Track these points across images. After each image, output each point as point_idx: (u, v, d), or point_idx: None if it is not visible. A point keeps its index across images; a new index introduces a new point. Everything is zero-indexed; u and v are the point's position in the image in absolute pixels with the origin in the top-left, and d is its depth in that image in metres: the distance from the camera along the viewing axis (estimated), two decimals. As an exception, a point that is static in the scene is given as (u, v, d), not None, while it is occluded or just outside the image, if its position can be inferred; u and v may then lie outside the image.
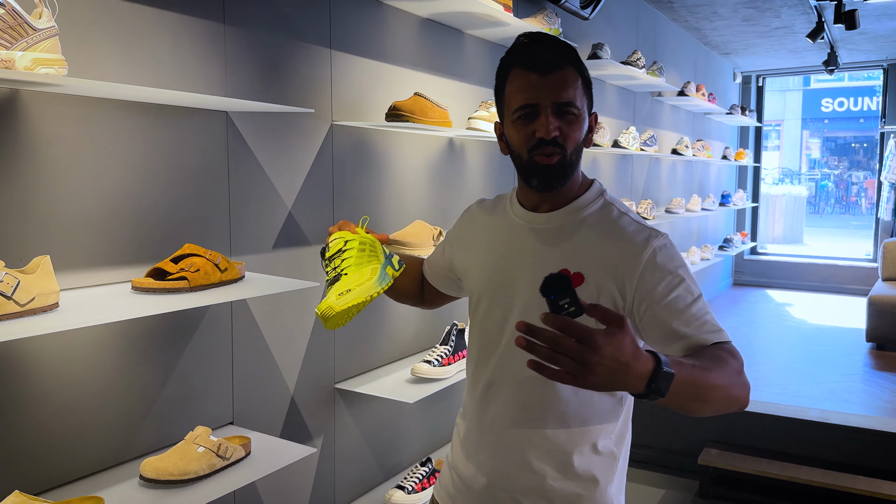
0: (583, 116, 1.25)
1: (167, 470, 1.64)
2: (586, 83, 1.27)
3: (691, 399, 1.06)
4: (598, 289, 1.23)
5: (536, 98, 1.21)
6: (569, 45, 1.26)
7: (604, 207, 1.30)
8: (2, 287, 1.31)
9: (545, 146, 1.22)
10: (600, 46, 3.92)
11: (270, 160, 2.12)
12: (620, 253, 1.23)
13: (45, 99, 1.55)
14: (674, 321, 1.18)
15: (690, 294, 1.21)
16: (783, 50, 7.10)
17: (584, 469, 1.30)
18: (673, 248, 1.25)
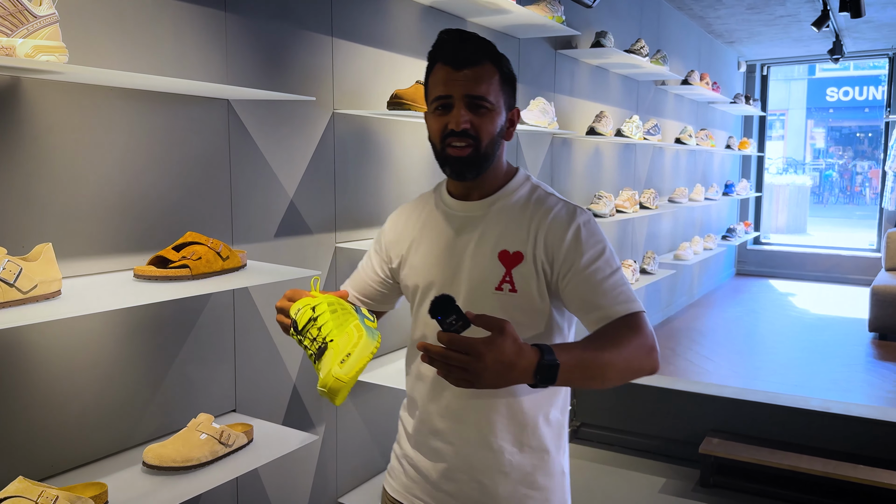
0: (497, 111, 1.31)
1: (170, 457, 1.65)
2: (506, 79, 1.33)
3: (587, 378, 1.18)
4: (534, 263, 1.31)
5: (450, 90, 1.28)
6: (488, 43, 1.32)
7: (531, 191, 1.39)
8: (4, 274, 1.32)
9: (456, 137, 1.28)
10: (604, 34, 3.90)
11: (272, 148, 2.12)
12: (549, 229, 1.31)
13: (46, 86, 1.55)
14: (591, 292, 1.28)
15: (609, 267, 1.29)
16: (788, 38, 7.05)
17: (537, 441, 1.37)
18: (595, 224, 1.35)
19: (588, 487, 3.62)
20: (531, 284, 1.30)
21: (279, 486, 2.24)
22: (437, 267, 1.37)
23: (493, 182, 1.37)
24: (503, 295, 1.31)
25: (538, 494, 1.37)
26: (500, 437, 1.35)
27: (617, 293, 1.27)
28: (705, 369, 4.53)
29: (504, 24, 3.14)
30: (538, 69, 3.66)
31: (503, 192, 1.37)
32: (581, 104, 4.19)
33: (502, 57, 1.33)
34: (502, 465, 1.35)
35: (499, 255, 1.32)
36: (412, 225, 1.45)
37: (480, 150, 1.30)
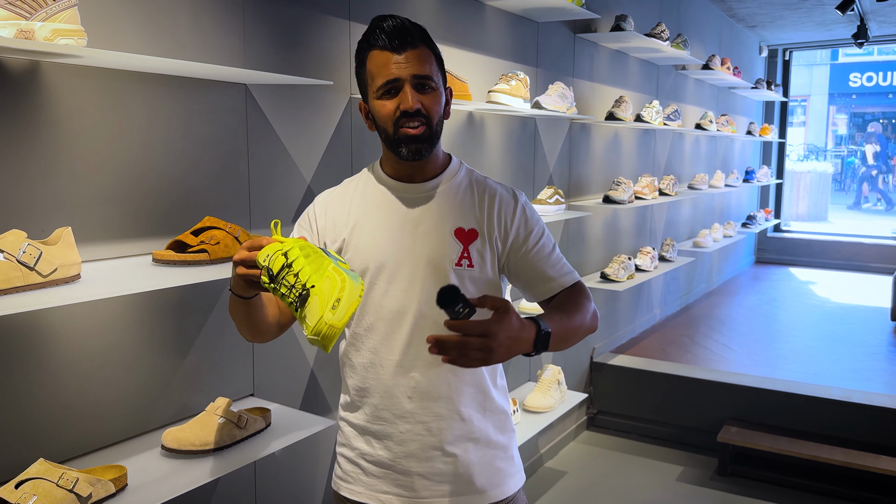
0: (440, 90, 1.38)
1: (188, 440, 1.66)
2: (439, 60, 1.41)
3: (564, 343, 1.33)
4: (489, 239, 1.42)
5: (397, 74, 1.33)
6: (419, 26, 1.38)
7: (469, 173, 1.49)
8: (24, 258, 1.32)
9: (409, 118, 1.34)
10: (623, 18, 3.84)
11: (289, 133, 2.11)
12: (499, 208, 1.43)
13: (64, 71, 1.55)
14: (542, 266, 1.44)
15: (550, 241, 1.47)
16: (811, 22, 6.92)
17: (496, 404, 1.48)
18: (529, 203, 1.50)
19: (605, 475, 3.62)
20: (486, 259, 1.41)
21: (297, 471, 2.25)
22: (390, 246, 1.40)
23: (434, 166, 1.45)
24: (462, 270, 1.39)
25: (502, 453, 1.48)
26: (468, 406, 1.43)
27: (561, 265, 1.46)
28: (724, 357, 4.49)
29: (522, 8, 3.10)
30: (557, 53, 3.61)
31: (445, 174, 1.46)
32: (600, 89, 4.14)
33: (431, 40, 1.40)
34: (472, 432, 1.43)
35: (455, 232, 1.40)
36: (352, 207, 1.45)
37: (433, 128, 1.37)
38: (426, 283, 1.38)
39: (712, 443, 3.77)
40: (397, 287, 1.39)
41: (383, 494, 1.44)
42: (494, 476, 1.46)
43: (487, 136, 3.09)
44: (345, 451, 1.52)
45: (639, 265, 4.28)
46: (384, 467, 1.44)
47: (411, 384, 1.41)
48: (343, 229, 1.44)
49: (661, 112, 4.43)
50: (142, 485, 1.53)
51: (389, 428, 1.42)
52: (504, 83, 2.78)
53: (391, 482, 1.43)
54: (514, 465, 1.52)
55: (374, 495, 1.45)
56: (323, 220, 1.48)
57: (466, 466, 1.43)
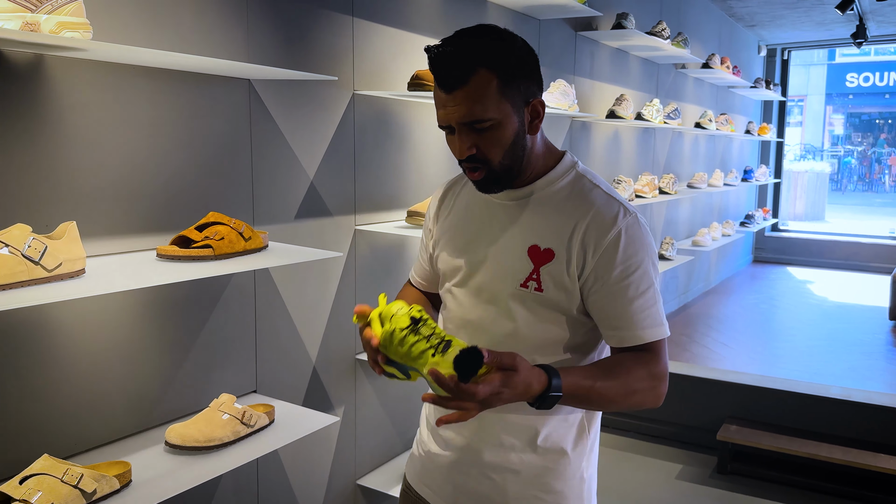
0: (503, 122, 1.18)
1: (192, 436, 1.65)
2: (511, 75, 1.18)
3: (584, 405, 1.21)
4: (567, 264, 1.22)
5: (447, 120, 1.19)
6: (481, 43, 1.17)
7: (576, 180, 1.28)
8: (29, 252, 1.31)
9: (465, 163, 1.22)
10: (625, 16, 3.84)
11: (292, 129, 2.11)
12: (588, 229, 1.21)
13: (69, 64, 1.54)
14: (616, 310, 1.21)
15: (643, 283, 1.21)
16: (810, 22, 6.93)
17: (551, 442, 1.30)
18: (640, 228, 1.23)
19: (604, 474, 3.62)
20: (560, 285, 1.22)
21: (299, 468, 2.25)
22: (465, 254, 1.32)
23: (533, 169, 1.28)
24: (528, 293, 1.24)
25: (550, 498, 1.31)
26: (511, 434, 1.30)
27: (643, 316, 1.21)
28: (722, 356, 4.50)
29: (524, 5, 3.10)
30: (558, 51, 3.61)
31: (545, 179, 1.28)
32: (600, 87, 4.14)
33: (501, 48, 1.18)
34: (511, 463, 1.30)
35: (528, 249, 1.24)
36: (450, 203, 1.40)
37: (495, 169, 1.21)
38: (493, 298, 1.28)
39: (712, 441, 3.77)
40: (466, 296, 1.32)
41: (426, 489, 1.41)
42: None
43: (489, 133, 3.08)
44: (418, 433, 1.49)
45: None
46: (433, 464, 1.39)
47: None
48: (443, 227, 1.40)
49: (662, 110, 4.43)
50: (146, 481, 1.52)
51: (440, 431, 1.38)
52: (506, 80, 2.77)
53: (434, 481, 1.39)
54: None
55: (422, 486, 1.42)
56: (432, 210, 1.44)
57: (504, 497, 1.31)
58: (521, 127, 1.21)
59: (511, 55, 1.19)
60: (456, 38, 1.18)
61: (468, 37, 1.18)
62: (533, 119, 1.23)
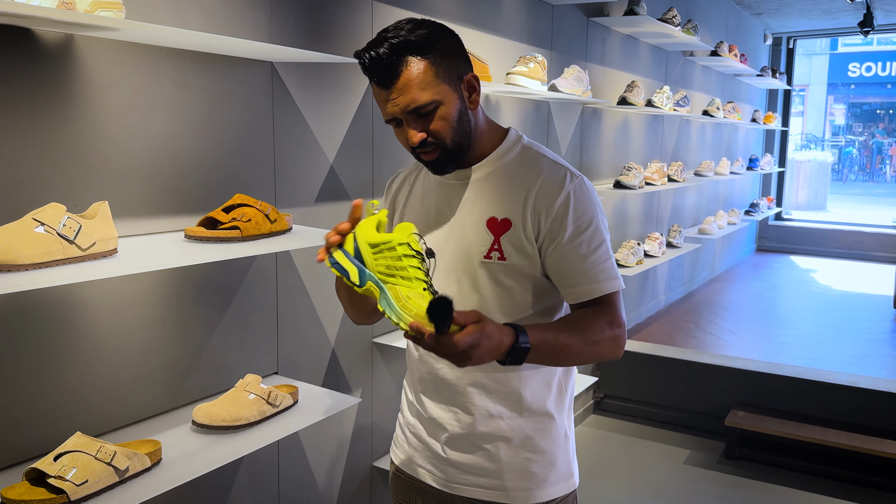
0: (446, 100, 1.23)
1: (219, 416, 1.67)
2: (442, 56, 1.22)
3: (553, 361, 1.24)
4: (523, 230, 1.28)
5: (392, 113, 1.24)
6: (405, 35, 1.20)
7: (522, 152, 1.34)
8: (64, 231, 1.32)
9: (420, 148, 1.26)
10: (637, 2, 3.83)
11: (313, 112, 2.11)
12: (538, 194, 1.28)
13: (98, 45, 1.54)
14: (571, 267, 1.27)
15: (594, 240, 1.28)
16: (816, 10, 6.92)
17: (537, 405, 1.37)
18: (587, 189, 1.30)
19: (612, 459, 3.65)
20: (521, 251, 1.28)
21: (318, 448, 2.27)
22: (433, 235, 1.36)
23: (480, 147, 1.33)
24: (492, 263, 1.29)
25: (541, 458, 1.37)
26: (498, 402, 1.35)
27: (597, 270, 1.27)
28: (729, 343, 4.52)
29: (539, -10, 3.09)
30: (570, 37, 3.61)
31: (493, 155, 1.34)
32: (611, 73, 4.14)
33: (425, 34, 1.22)
34: (502, 431, 1.35)
35: (487, 222, 1.30)
36: (405, 190, 1.45)
37: (449, 148, 1.26)
38: (460, 276, 1.33)
39: (719, 427, 3.80)
40: (441, 275, 1.34)
41: (420, 468, 1.45)
42: (527, 480, 1.37)
43: (502, 118, 3.08)
44: (399, 416, 1.53)
45: (647, 251, 4.29)
46: (422, 443, 1.44)
47: (442, 370, 1.38)
48: (403, 214, 1.44)
49: (672, 98, 4.43)
50: (175, 459, 1.53)
51: (428, 408, 1.42)
52: (522, 65, 2.77)
53: (426, 459, 1.43)
54: (557, 473, 1.39)
55: (413, 467, 1.46)
56: (392, 197, 1.49)
57: (497, 465, 1.36)
58: (462, 104, 1.27)
59: (434, 39, 1.23)
60: (379, 38, 1.23)
61: (390, 33, 1.22)
62: (471, 94, 1.29)
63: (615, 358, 1.29)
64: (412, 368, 1.46)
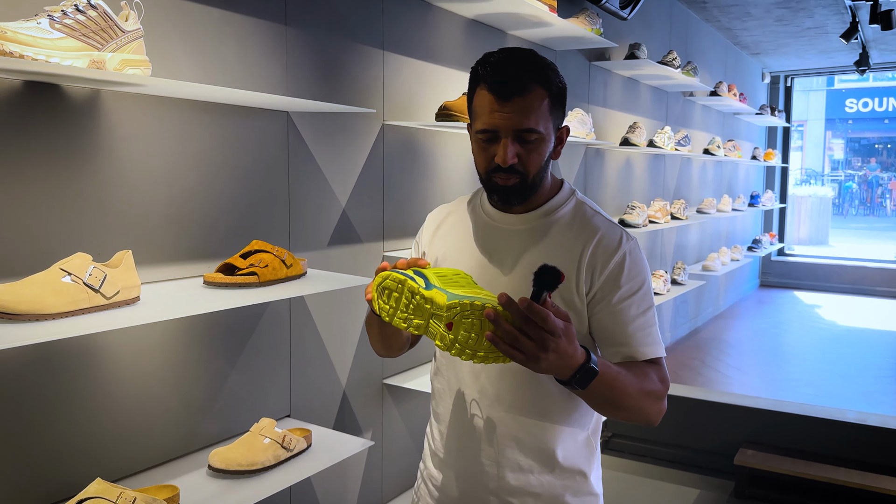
0: (545, 138, 1.24)
1: (235, 460, 1.68)
2: (556, 99, 1.25)
3: (605, 399, 1.18)
4: (576, 285, 1.27)
5: (496, 125, 1.22)
6: (537, 60, 1.23)
7: (577, 207, 1.34)
8: (90, 280, 1.36)
9: (503, 171, 1.24)
10: (637, 46, 3.92)
11: (326, 159, 2.16)
12: (595, 250, 1.27)
13: (123, 98, 1.59)
14: (619, 327, 1.25)
15: (643, 303, 1.27)
16: (813, 50, 7.05)
17: (570, 462, 1.33)
18: (640, 253, 1.31)
19: (621, 499, 3.62)
20: (569, 306, 1.26)
21: (330, 491, 2.27)
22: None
23: (537, 196, 1.32)
24: None
25: None
26: (529, 457, 1.32)
27: (645, 333, 1.26)
28: (735, 380, 4.52)
29: (543, 37, 3.17)
30: (573, 80, 3.69)
31: (548, 206, 1.33)
32: (613, 115, 4.22)
33: (552, 73, 1.24)
34: (531, 486, 1.32)
35: None
36: (449, 230, 1.42)
37: (528, 181, 1.26)
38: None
39: (728, 465, 3.78)
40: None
41: None
42: None
43: (509, 161, 3.14)
44: (421, 466, 1.49)
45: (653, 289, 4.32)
46: (444, 493, 1.39)
47: (473, 421, 1.34)
48: (439, 249, 1.40)
49: (673, 137, 4.50)
50: (193, 504, 1.55)
51: (453, 458, 1.37)
52: (528, 110, 2.83)
53: None
54: None
55: None
56: (426, 236, 1.45)
57: None
58: (552, 149, 1.29)
59: (557, 81, 1.26)
60: (513, 52, 1.24)
61: (526, 54, 1.24)
62: (558, 145, 1.30)
63: (652, 421, 1.25)
64: (439, 415, 1.42)
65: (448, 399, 1.39)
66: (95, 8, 1.33)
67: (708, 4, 5.30)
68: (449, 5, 2.61)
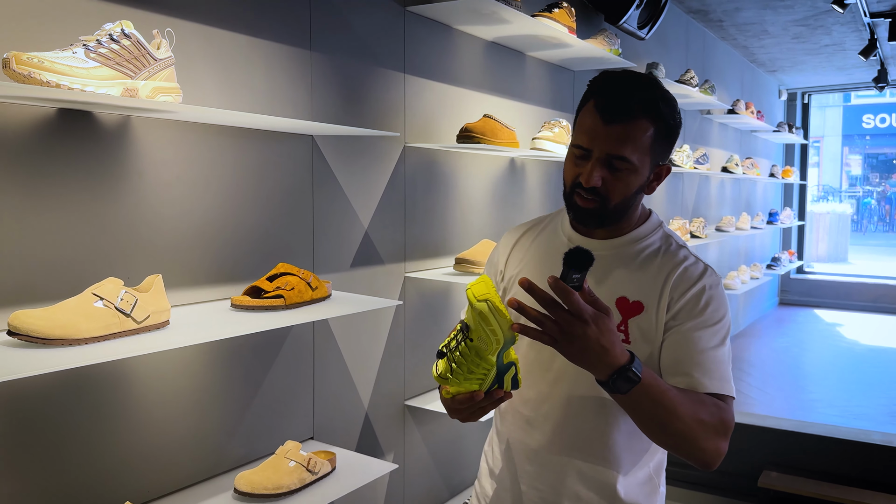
0: (639, 170, 1.22)
1: (261, 484, 1.68)
2: (663, 133, 1.23)
3: (651, 416, 1.12)
4: (656, 316, 1.24)
5: (591, 144, 1.21)
6: (654, 94, 1.21)
7: (662, 240, 1.32)
8: (122, 305, 1.37)
9: (584, 190, 1.23)
10: (655, 66, 3.93)
11: (349, 181, 2.18)
12: (677, 280, 1.24)
13: (152, 124, 1.62)
14: (687, 355, 1.20)
15: (717, 338, 1.22)
16: (831, 67, 7.02)
17: (630, 498, 1.30)
18: (722, 291, 1.27)
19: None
20: (647, 338, 1.24)
21: (352, 514, 2.26)
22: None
23: (624, 224, 1.31)
24: None
25: None
26: (589, 488, 1.30)
27: (714, 367, 1.20)
28: (759, 401, 4.46)
29: (562, 58, 3.19)
30: (592, 100, 3.69)
31: (631, 236, 1.31)
32: (631, 134, 4.21)
33: (666, 107, 1.22)
34: None
35: (616, 301, 1.25)
36: (527, 248, 1.40)
37: (608, 207, 1.24)
38: None
39: (752, 488, 3.72)
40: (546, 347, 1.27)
41: None
42: None
43: (528, 180, 3.15)
44: (476, 485, 1.48)
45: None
46: None
47: (534, 444, 1.33)
48: (514, 267, 1.39)
49: (691, 156, 4.49)
50: (219, 528, 1.55)
51: (510, 482, 1.36)
52: (548, 130, 2.85)
53: None
54: None
55: None
56: (503, 251, 1.44)
57: None
58: (645, 183, 1.26)
59: (670, 118, 1.24)
60: (633, 76, 1.24)
61: (643, 82, 1.23)
62: (654, 180, 1.29)
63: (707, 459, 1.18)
64: (501, 434, 1.40)
65: (510, 419, 1.37)
66: (129, 37, 1.36)
67: (725, 23, 5.31)
68: (469, 28, 2.64)
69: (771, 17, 5.14)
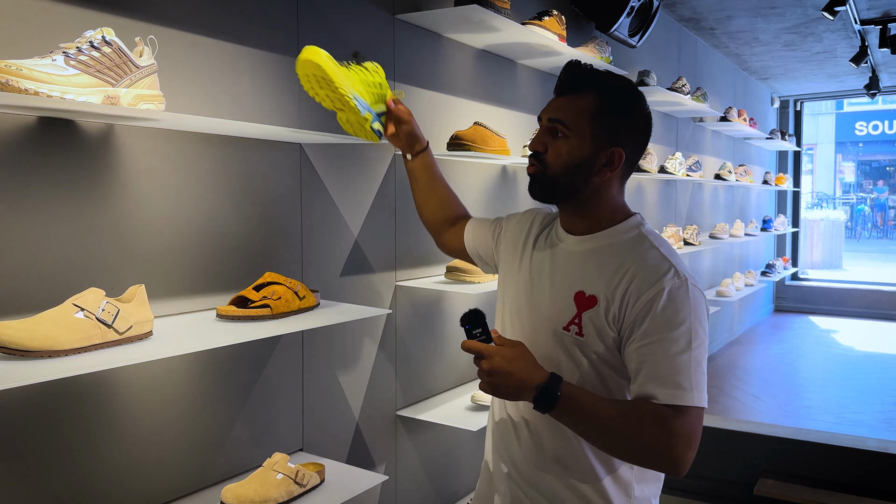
0: (576, 139, 1.26)
1: (248, 497, 1.66)
2: (606, 109, 1.25)
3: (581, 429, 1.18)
4: (606, 312, 1.23)
5: (541, 114, 1.32)
6: (607, 76, 1.28)
7: (637, 238, 1.30)
8: (103, 315, 1.35)
9: (531, 157, 1.32)
10: (647, 73, 3.93)
11: (338, 189, 2.16)
12: (634, 281, 1.21)
13: (137, 133, 1.60)
14: (643, 361, 1.18)
15: (678, 345, 1.16)
16: (822, 74, 7.05)
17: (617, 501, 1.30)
18: (687, 293, 1.19)
19: (640, 530, 3.55)
20: (600, 333, 1.23)
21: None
22: (524, 292, 1.38)
23: (595, 221, 1.32)
24: (569, 336, 1.26)
25: None
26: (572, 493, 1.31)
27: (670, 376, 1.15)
28: (754, 408, 4.45)
29: (553, 66, 3.18)
30: (583, 108, 3.69)
31: (606, 233, 1.31)
32: (624, 142, 4.21)
33: (619, 89, 1.27)
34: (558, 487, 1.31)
35: (575, 294, 1.27)
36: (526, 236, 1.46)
37: (546, 174, 1.29)
38: (530, 338, 1.31)
39: (748, 496, 3.70)
40: (519, 335, 1.35)
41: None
42: None
43: (520, 188, 3.13)
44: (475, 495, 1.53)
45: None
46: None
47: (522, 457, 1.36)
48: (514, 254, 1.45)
49: (684, 163, 4.49)
50: (205, 542, 1.52)
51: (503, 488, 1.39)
52: (539, 138, 2.83)
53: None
54: None
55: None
56: (518, 228, 1.50)
57: None
58: (591, 161, 1.27)
59: (621, 99, 1.28)
60: (591, 66, 1.31)
61: (602, 70, 1.30)
62: (605, 164, 1.27)
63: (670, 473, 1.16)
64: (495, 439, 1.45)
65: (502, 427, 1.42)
66: (110, 44, 1.34)
67: (716, 31, 5.33)
68: (459, 36, 2.63)
69: (762, 25, 5.16)
